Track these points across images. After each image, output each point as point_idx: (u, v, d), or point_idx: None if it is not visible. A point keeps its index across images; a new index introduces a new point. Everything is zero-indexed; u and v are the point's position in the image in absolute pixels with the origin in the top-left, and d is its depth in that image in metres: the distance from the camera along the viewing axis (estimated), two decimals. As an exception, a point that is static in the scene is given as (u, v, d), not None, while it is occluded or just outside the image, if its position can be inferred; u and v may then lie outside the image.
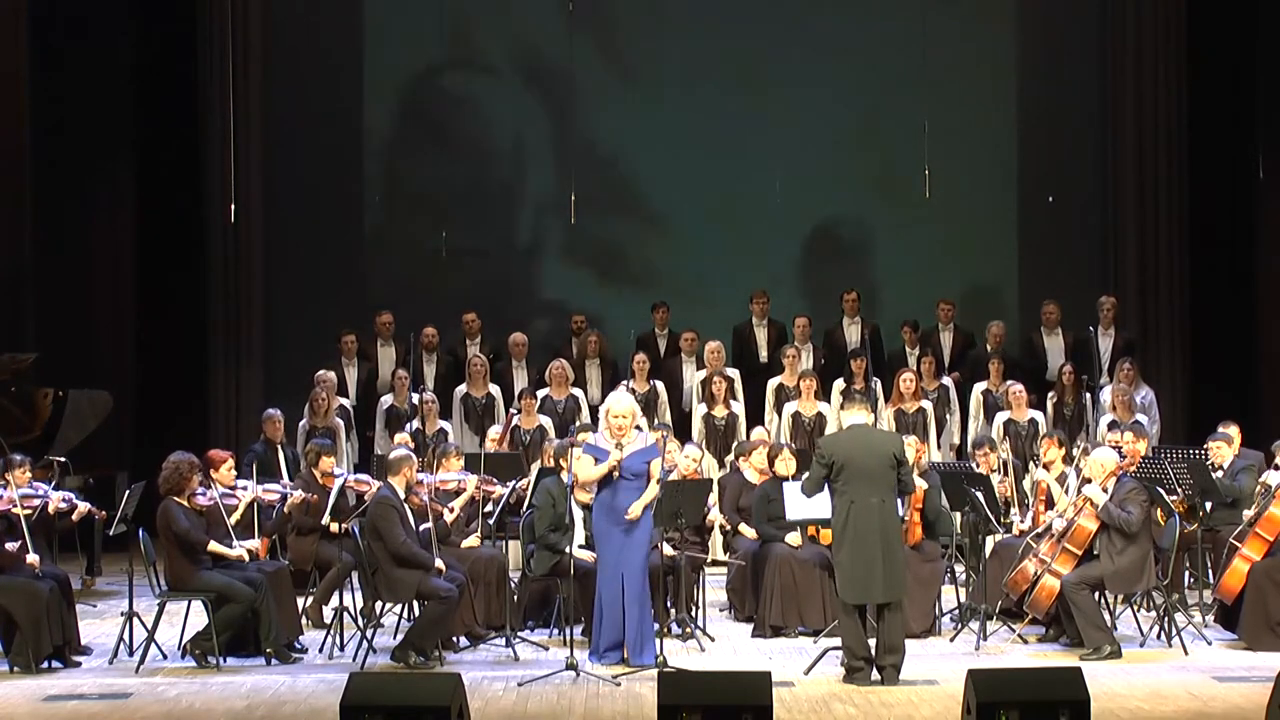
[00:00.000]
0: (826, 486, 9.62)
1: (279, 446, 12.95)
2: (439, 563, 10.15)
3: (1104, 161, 16.53)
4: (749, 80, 16.66)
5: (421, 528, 10.31)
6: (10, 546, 10.12)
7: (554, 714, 8.90)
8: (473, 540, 11.13)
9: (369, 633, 10.25)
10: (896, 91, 16.56)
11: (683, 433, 13.88)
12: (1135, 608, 11.14)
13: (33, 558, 10.16)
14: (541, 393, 14.15)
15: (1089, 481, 10.46)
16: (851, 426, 9.73)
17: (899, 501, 10.01)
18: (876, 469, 9.48)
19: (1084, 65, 16.69)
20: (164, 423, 15.33)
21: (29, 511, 10.29)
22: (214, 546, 10.15)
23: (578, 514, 10.57)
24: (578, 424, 13.19)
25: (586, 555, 10.48)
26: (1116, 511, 10.18)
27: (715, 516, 11.61)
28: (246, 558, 10.26)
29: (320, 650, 10.52)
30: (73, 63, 15.84)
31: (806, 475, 9.87)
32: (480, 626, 10.78)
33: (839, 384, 14.35)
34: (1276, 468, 11.03)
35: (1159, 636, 10.57)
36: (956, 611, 11.14)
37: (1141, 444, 11.82)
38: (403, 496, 10.25)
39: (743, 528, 11.61)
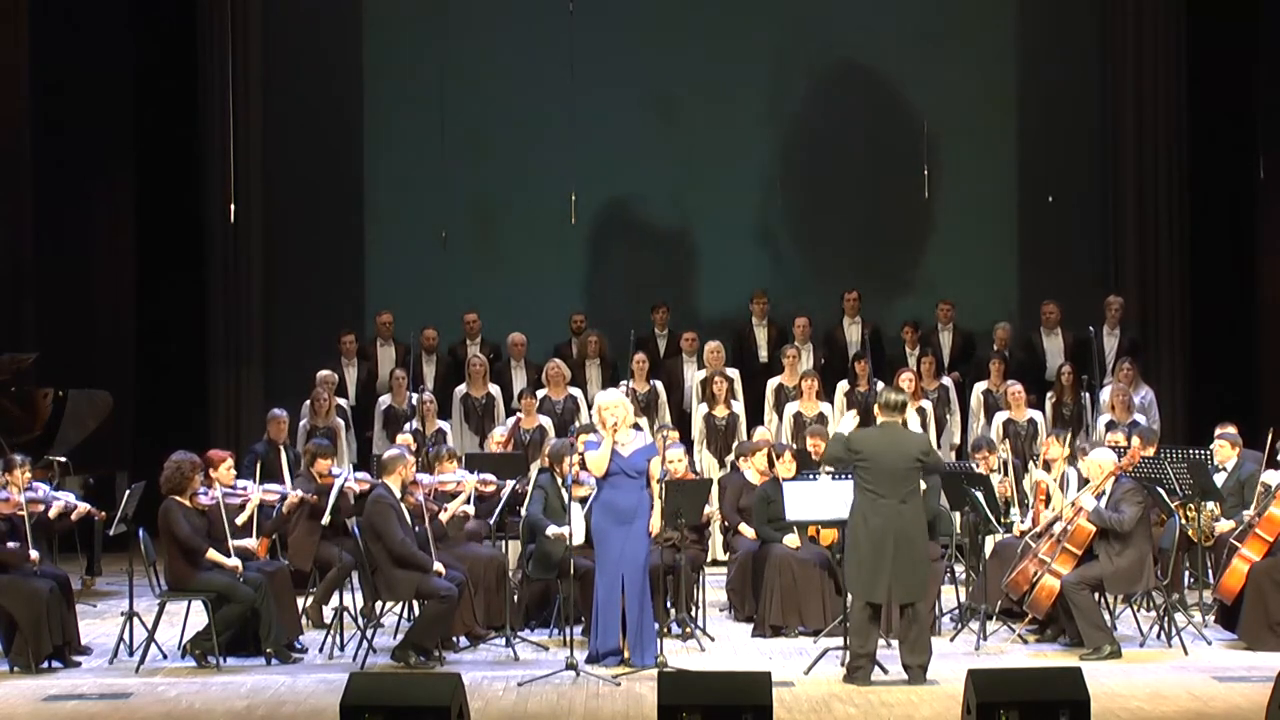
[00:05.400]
0: (853, 488, 9.61)
1: (282, 447, 12.94)
2: (438, 565, 10.16)
3: (1104, 161, 16.53)
4: (748, 78, 16.65)
5: (416, 528, 10.31)
6: (10, 546, 10.14)
7: (554, 714, 8.90)
8: (466, 508, 11.10)
9: (369, 633, 10.25)
10: (897, 91, 16.57)
11: (683, 433, 13.85)
12: (1135, 608, 11.14)
13: (34, 554, 10.19)
14: (540, 393, 14.15)
15: (1087, 482, 10.46)
16: (882, 424, 9.72)
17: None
18: (901, 469, 9.47)
19: (1084, 65, 16.69)
20: (164, 423, 15.34)
21: (33, 514, 10.32)
22: (213, 555, 10.11)
23: (577, 512, 10.54)
24: (577, 424, 13.19)
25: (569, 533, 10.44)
26: (1108, 514, 10.18)
27: (711, 511, 11.60)
28: (241, 568, 10.19)
29: (320, 650, 10.52)
30: (73, 63, 15.84)
31: (827, 451, 9.90)
32: (480, 626, 10.78)
33: (843, 385, 14.36)
34: (1276, 466, 11.02)
35: (1159, 636, 10.57)
36: (956, 611, 11.14)
37: (1150, 450, 11.76)
38: (399, 495, 10.25)
39: (742, 528, 11.61)
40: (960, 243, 16.68)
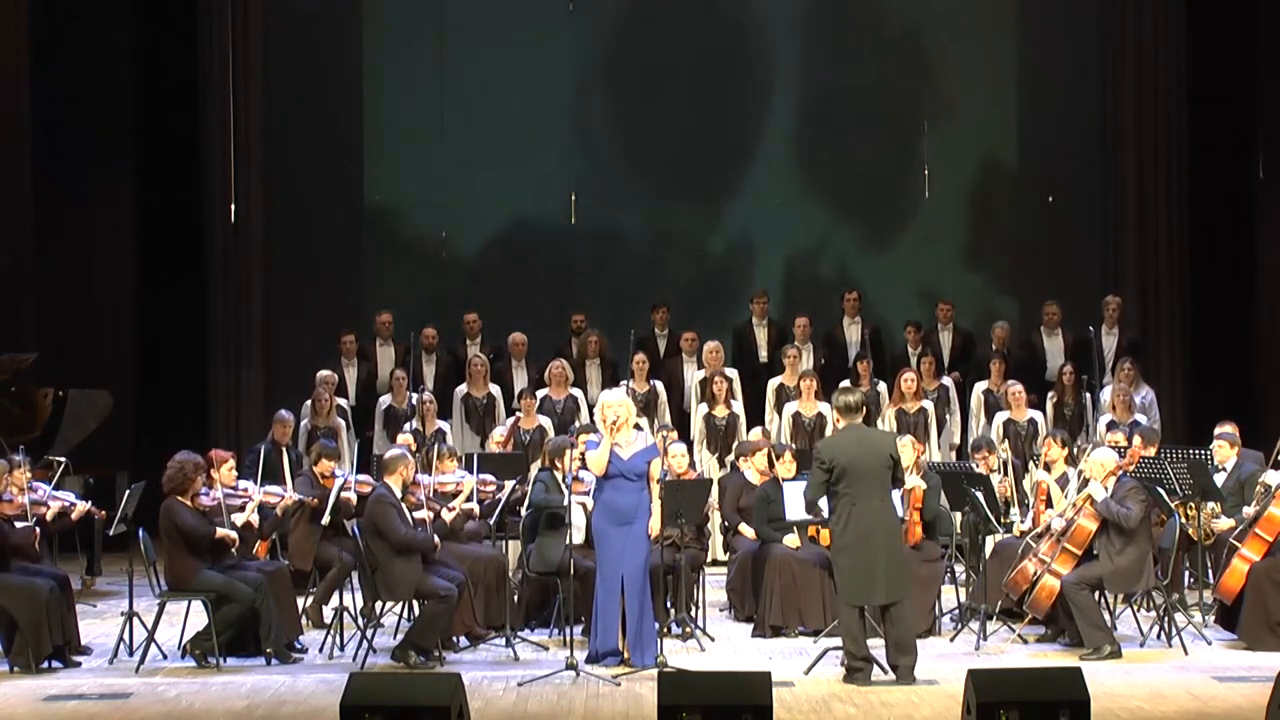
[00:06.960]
0: (830, 496, 9.58)
1: (284, 449, 12.94)
2: (435, 539, 10.21)
3: (1104, 161, 16.53)
4: (748, 77, 16.65)
5: (419, 525, 10.32)
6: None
7: (554, 714, 8.90)
8: (471, 505, 11.12)
9: (369, 633, 10.25)
10: (897, 91, 16.57)
11: (682, 433, 13.86)
12: (1135, 608, 11.13)
13: (35, 530, 10.32)
14: (541, 393, 14.14)
15: (1089, 481, 10.45)
16: (847, 427, 9.70)
17: (899, 502, 10.03)
18: (877, 469, 9.46)
19: (1084, 65, 16.68)
20: (164, 423, 15.35)
21: (35, 515, 10.35)
22: (221, 532, 10.17)
23: (576, 510, 10.52)
24: (577, 424, 13.19)
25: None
26: (1115, 507, 10.18)
27: (711, 502, 11.61)
28: (236, 540, 10.28)
29: (320, 650, 10.52)
30: (73, 63, 15.85)
31: (808, 482, 9.82)
32: (480, 626, 10.78)
33: (845, 385, 14.33)
34: (1276, 466, 11.02)
35: (1159, 636, 10.57)
36: (956, 611, 11.14)
37: (1151, 450, 11.76)
38: (399, 495, 10.25)
39: (742, 528, 11.61)
40: (960, 243, 16.69)
